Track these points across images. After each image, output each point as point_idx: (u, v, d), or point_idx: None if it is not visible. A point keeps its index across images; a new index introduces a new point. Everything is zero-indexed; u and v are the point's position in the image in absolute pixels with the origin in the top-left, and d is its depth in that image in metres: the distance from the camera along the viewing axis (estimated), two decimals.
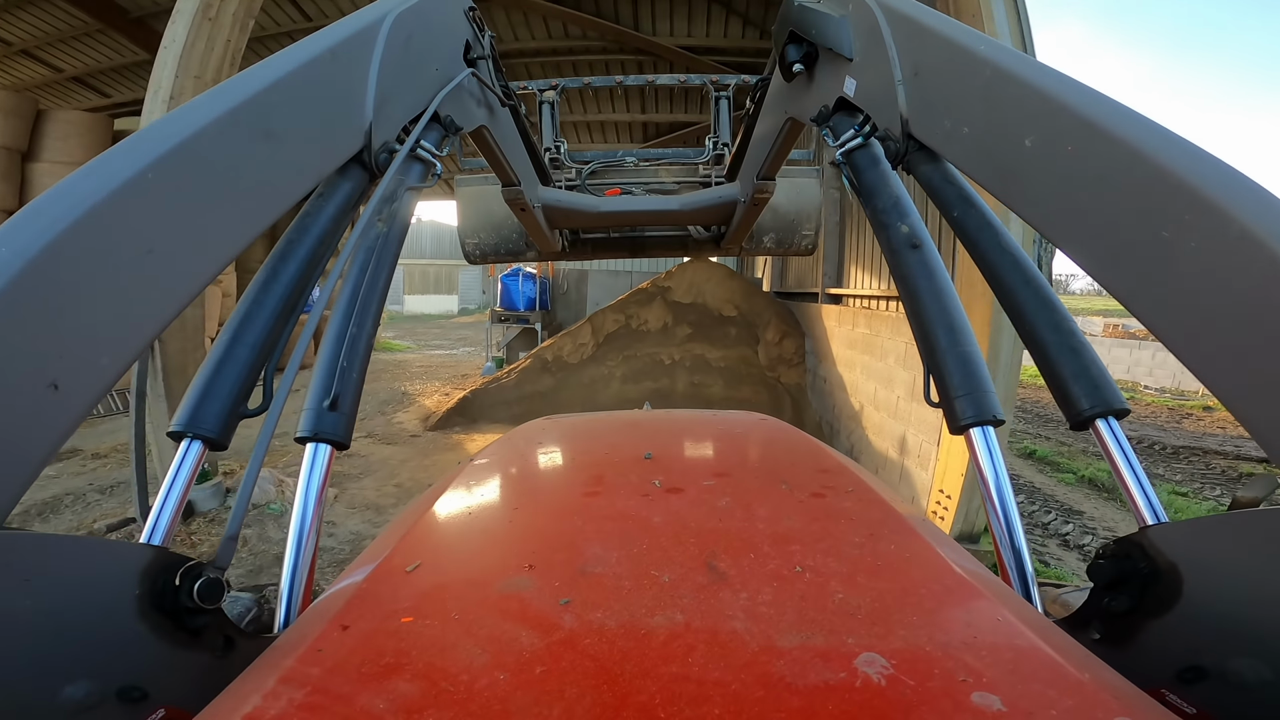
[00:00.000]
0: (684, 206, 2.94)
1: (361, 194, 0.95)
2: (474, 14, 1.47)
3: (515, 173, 2.16)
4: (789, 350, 9.21)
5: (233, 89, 0.73)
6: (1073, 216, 0.69)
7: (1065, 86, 0.71)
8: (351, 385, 0.80)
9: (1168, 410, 11.32)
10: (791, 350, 9.19)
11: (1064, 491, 6.76)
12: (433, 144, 1.10)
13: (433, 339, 21.70)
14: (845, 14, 1.17)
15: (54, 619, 0.49)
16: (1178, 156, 0.58)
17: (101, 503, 5.39)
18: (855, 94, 1.13)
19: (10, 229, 0.51)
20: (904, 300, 0.92)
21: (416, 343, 20.11)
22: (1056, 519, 5.87)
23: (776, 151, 2.01)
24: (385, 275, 0.91)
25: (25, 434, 0.48)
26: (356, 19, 0.98)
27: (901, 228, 0.95)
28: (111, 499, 5.47)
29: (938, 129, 0.91)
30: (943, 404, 0.82)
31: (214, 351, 0.74)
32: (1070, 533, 5.50)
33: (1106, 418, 0.75)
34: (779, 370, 9.20)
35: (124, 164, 0.59)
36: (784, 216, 3.40)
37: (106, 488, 5.71)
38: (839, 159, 1.12)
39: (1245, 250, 0.51)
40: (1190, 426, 10.03)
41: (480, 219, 3.33)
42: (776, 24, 1.46)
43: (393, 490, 5.95)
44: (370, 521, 5.23)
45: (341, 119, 0.90)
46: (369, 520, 5.26)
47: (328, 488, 0.76)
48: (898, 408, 5.63)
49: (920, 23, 0.96)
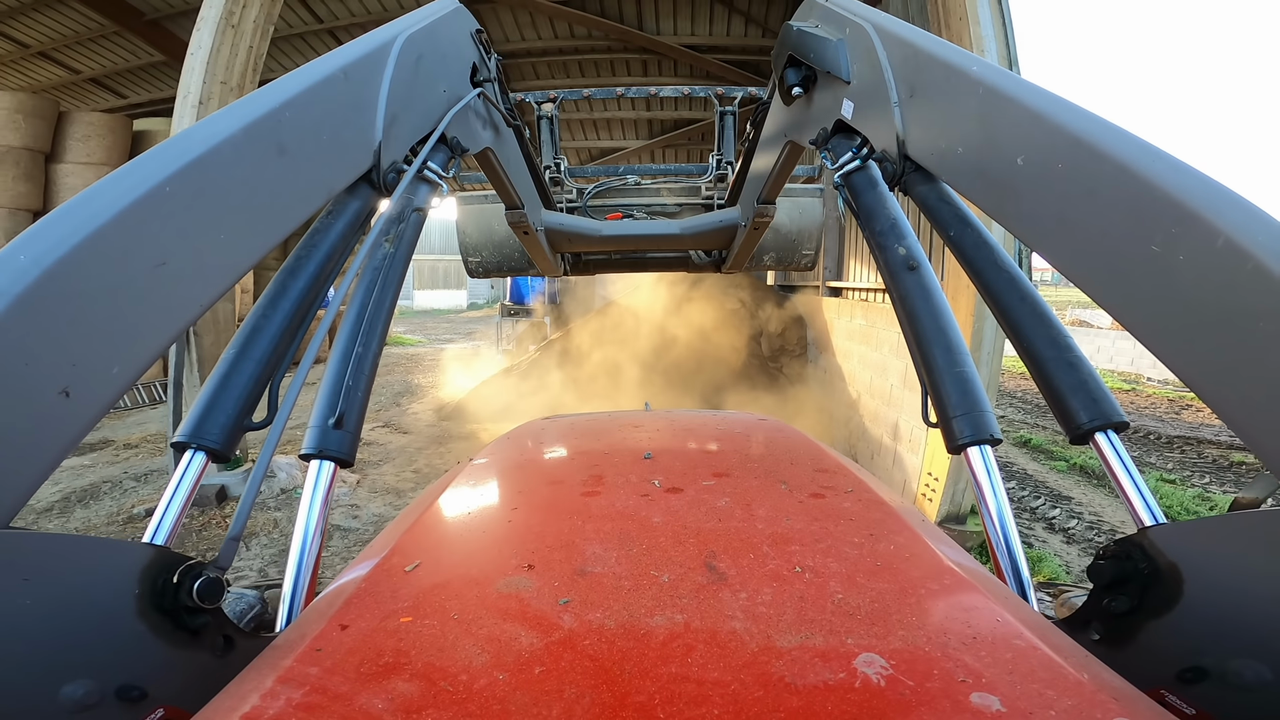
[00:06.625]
0: (685, 230, 2.95)
1: (370, 213, 0.96)
2: (481, 36, 1.49)
3: (519, 196, 2.17)
4: (791, 341, 9.42)
5: (249, 105, 0.74)
6: (1065, 233, 0.70)
7: (1055, 105, 0.72)
8: (357, 404, 0.80)
9: (1168, 402, 11.46)
10: (794, 341, 9.41)
11: (1055, 478, 6.98)
12: (439, 165, 1.11)
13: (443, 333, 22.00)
14: (842, 37, 1.20)
15: (54, 618, 0.49)
16: (1164, 171, 0.59)
17: (138, 489, 5.71)
18: (853, 116, 1.15)
19: (30, 237, 0.53)
20: (901, 321, 0.92)
21: (427, 337, 20.41)
22: (1045, 503, 6.10)
23: (776, 175, 2.01)
24: (392, 295, 0.92)
25: (36, 438, 0.49)
26: (369, 40, 1.00)
27: (899, 250, 0.96)
28: (146, 485, 5.79)
29: (933, 149, 0.93)
30: (940, 423, 0.82)
31: (221, 364, 0.75)
32: (1056, 517, 5.74)
33: (1106, 431, 0.74)
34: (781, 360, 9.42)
35: (142, 176, 0.60)
36: (785, 236, 3.40)
37: (141, 475, 6.03)
38: (837, 181, 1.13)
39: (1232, 260, 0.52)
40: (1189, 418, 10.18)
41: (482, 237, 3.37)
42: (776, 48, 1.49)
43: (411, 476, 6.24)
44: (392, 505, 5.52)
45: (352, 138, 0.91)
46: (390, 504, 5.55)
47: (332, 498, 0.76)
48: (891, 395, 5.87)
49: (914, 45, 0.98)
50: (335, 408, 0.77)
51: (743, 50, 10.39)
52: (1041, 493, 6.47)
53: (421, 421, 8.56)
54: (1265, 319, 0.50)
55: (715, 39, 10.23)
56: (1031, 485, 6.74)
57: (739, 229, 2.70)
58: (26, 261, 0.50)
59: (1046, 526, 5.56)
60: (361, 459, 6.67)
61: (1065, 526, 5.50)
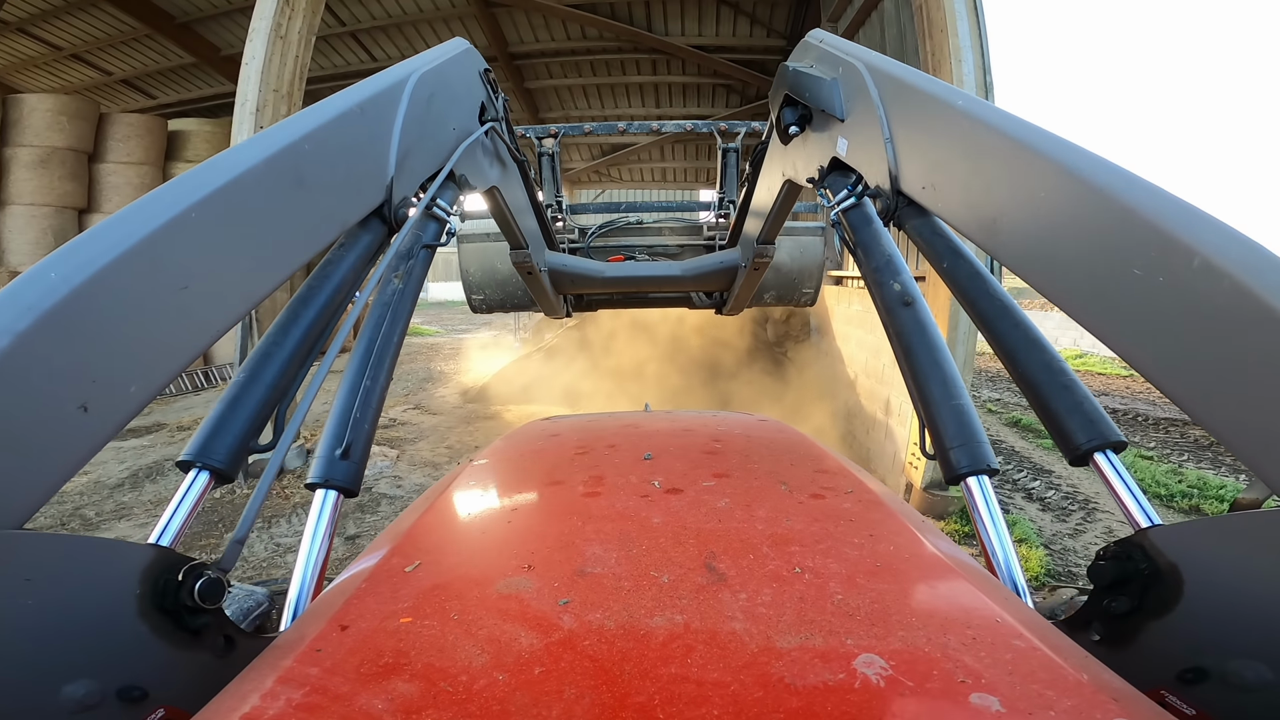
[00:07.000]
0: (686, 272, 2.96)
1: (380, 247, 0.97)
2: (488, 75, 1.52)
3: (524, 236, 2.18)
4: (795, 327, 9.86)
5: (271, 137, 0.77)
6: (1050, 260, 0.71)
7: (1035, 136, 0.74)
8: (363, 435, 0.81)
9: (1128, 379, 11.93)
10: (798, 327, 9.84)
11: (1040, 455, 7.48)
12: (447, 203, 1.12)
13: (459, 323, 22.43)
14: (836, 76, 1.23)
15: (55, 618, 0.49)
16: (1140, 196, 0.61)
17: None
18: (847, 153, 1.18)
19: (62, 255, 0.54)
20: (898, 356, 0.93)
21: (444, 327, 20.87)
22: (1027, 476, 6.62)
23: (776, 215, 2.04)
24: (400, 330, 0.93)
25: (52, 449, 0.50)
26: (384, 77, 1.03)
27: (894, 286, 0.97)
28: None
29: (924, 183, 0.95)
30: (938, 454, 0.82)
31: (231, 388, 0.76)
32: (1035, 488, 6.26)
33: (1104, 451, 0.74)
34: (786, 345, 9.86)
35: (171, 201, 0.62)
36: (786, 275, 3.40)
37: None
38: (834, 218, 1.16)
39: (1209, 279, 0.53)
40: None
41: (485, 275, 3.42)
42: (773, 88, 1.53)
43: (445, 450, 6.80)
44: (430, 475, 6.07)
45: (366, 173, 0.93)
46: (429, 474, 6.11)
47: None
48: (884, 373, 6.37)
49: (903, 81, 1.01)
50: (342, 439, 0.78)
51: (749, 50, 10.74)
52: (1025, 467, 6.98)
53: (449, 404, 9.11)
54: (1244, 334, 0.51)
55: (722, 39, 10.59)
56: (1017, 460, 7.25)
57: (739, 270, 2.73)
58: (57, 279, 0.52)
59: (1025, 496, 6.09)
60: (398, 437, 7.24)
61: (1043, 496, 6.02)
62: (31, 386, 0.49)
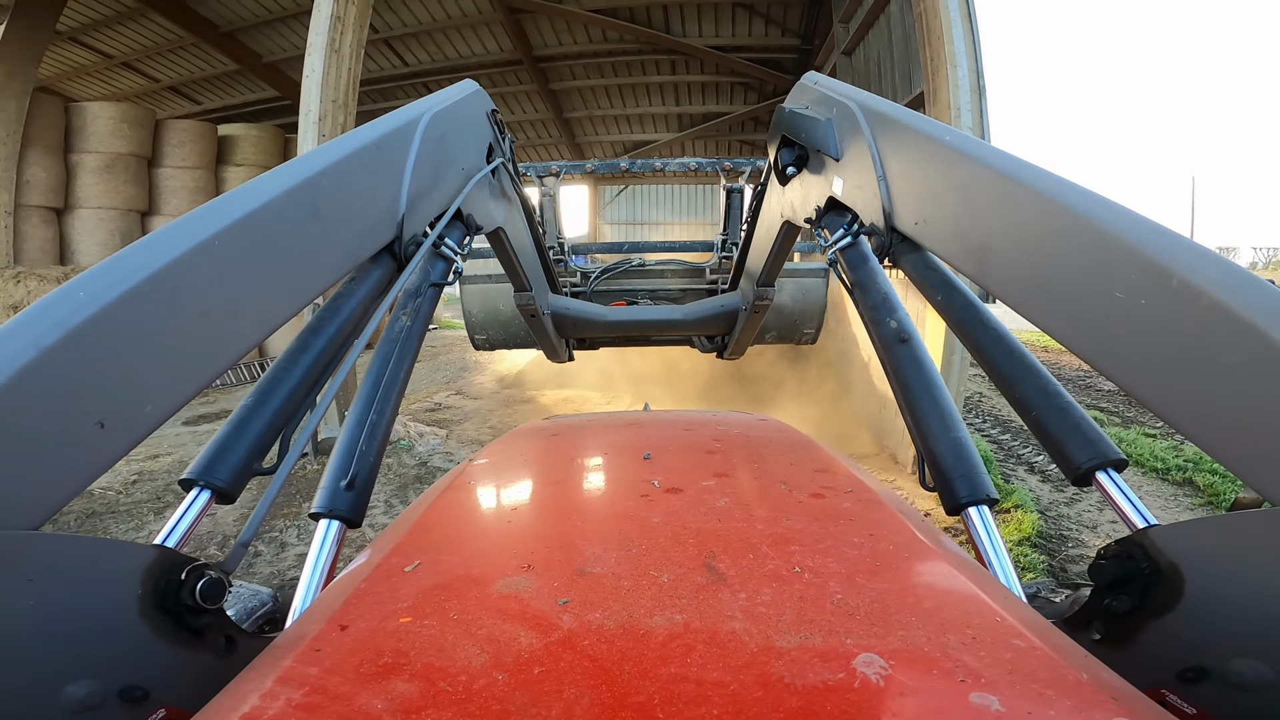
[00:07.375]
0: (688, 316, 2.99)
1: (389, 282, 0.99)
2: (496, 116, 1.55)
3: (528, 279, 2.19)
4: None
5: (291, 170, 0.79)
6: (1038, 288, 0.73)
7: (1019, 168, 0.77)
8: (368, 467, 0.82)
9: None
10: None
11: None
12: (455, 242, 1.13)
13: None
14: (831, 116, 1.26)
15: (56, 618, 0.49)
16: (1119, 221, 0.64)
17: None
18: (843, 192, 1.20)
19: (92, 275, 0.57)
20: (895, 391, 0.95)
21: None
22: (1032, 450, 7.07)
23: (775, 257, 2.05)
24: (407, 366, 0.95)
25: (68, 462, 0.52)
26: (398, 116, 1.06)
27: (891, 323, 0.98)
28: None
29: (916, 219, 0.97)
30: (938, 486, 0.83)
31: (239, 411, 0.78)
32: (1038, 461, 6.71)
33: (1105, 469, 0.75)
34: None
35: (196, 229, 0.65)
36: (788, 316, 3.43)
37: None
38: (832, 257, 1.17)
39: (1187, 298, 0.56)
40: None
41: (488, 316, 3.47)
42: (770, 131, 1.57)
43: (489, 430, 7.39)
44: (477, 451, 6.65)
45: (379, 209, 0.95)
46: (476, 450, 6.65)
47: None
48: None
49: (895, 119, 1.03)
50: (348, 470, 0.80)
51: (764, 49, 11.09)
52: (1031, 444, 7.42)
53: (487, 390, 9.67)
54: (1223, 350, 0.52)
55: (738, 39, 10.96)
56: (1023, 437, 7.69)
57: (740, 313, 2.75)
58: (85, 298, 0.54)
59: (1027, 469, 6.55)
60: (445, 419, 7.85)
61: (1044, 470, 6.47)
62: (53, 400, 0.51)
